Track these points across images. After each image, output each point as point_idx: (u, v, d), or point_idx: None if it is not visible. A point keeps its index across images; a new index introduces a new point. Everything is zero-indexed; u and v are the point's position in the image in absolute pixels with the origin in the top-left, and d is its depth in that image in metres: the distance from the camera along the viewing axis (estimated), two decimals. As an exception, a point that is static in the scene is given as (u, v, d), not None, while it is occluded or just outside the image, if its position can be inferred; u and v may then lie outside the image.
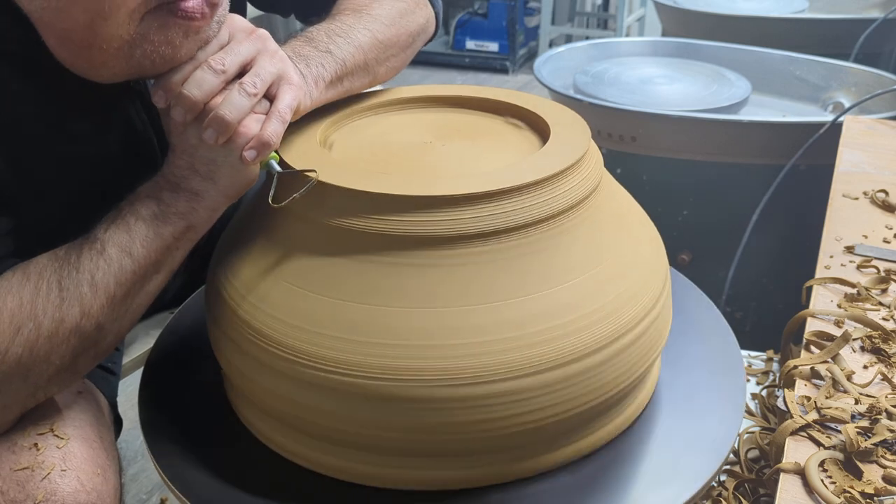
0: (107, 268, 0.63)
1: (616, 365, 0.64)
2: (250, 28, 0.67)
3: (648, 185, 1.69)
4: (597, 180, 0.70)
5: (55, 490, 0.63)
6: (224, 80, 0.63)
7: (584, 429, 0.68)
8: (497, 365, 0.60)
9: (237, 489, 0.67)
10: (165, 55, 0.62)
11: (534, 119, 0.78)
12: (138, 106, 0.74)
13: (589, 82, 1.84)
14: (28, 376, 0.62)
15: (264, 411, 0.69)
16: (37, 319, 0.61)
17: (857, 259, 0.98)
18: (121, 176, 0.68)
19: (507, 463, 0.66)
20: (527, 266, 0.63)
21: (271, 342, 0.63)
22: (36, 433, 0.66)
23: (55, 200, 0.70)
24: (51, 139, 0.68)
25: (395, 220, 0.62)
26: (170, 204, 0.65)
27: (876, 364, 0.80)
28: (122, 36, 0.59)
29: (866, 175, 1.21)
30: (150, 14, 0.59)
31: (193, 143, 0.64)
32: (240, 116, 0.62)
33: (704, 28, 2.26)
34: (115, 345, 0.68)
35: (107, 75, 0.64)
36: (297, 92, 0.66)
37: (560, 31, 4.13)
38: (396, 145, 0.76)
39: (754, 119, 1.59)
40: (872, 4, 2.42)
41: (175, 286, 0.96)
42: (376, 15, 0.79)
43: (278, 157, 0.67)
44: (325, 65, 0.72)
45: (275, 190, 0.64)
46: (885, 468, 0.67)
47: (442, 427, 0.61)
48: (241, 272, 0.68)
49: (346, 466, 0.66)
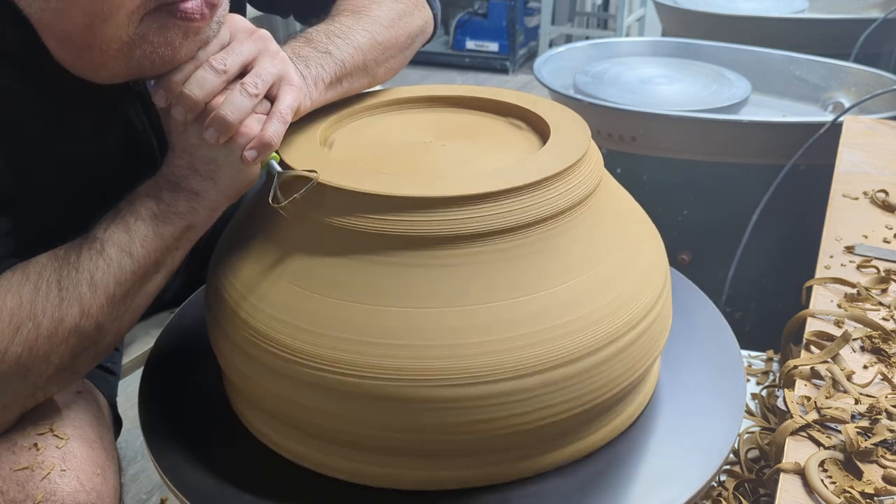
0: (106, 268, 0.63)
1: (616, 365, 0.64)
2: (251, 28, 0.67)
3: (648, 185, 1.69)
4: (597, 180, 0.70)
5: (55, 490, 0.63)
6: (225, 80, 0.63)
7: (585, 429, 0.68)
8: (497, 365, 0.60)
9: (237, 489, 0.67)
10: (165, 56, 0.62)
11: (534, 119, 0.78)
12: (138, 107, 0.74)
13: (589, 82, 1.84)
14: (27, 376, 0.62)
15: (264, 411, 0.69)
16: (36, 319, 0.61)
17: (857, 259, 0.98)
18: (120, 176, 0.68)
19: (506, 463, 0.66)
20: (526, 266, 0.63)
21: (271, 342, 0.63)
22: (36, 433, 0.66)
23: (55, 200, 0.70)
24: (51, 139, 0.68)
25: (395, 220, 0.62)
26: (169, 203, 0.65)
27: (876, 364, 0.80)
28: (122, 37, 0.59)
29: (866, 175, 1.21)
30: (149, 15, 0.59)
31: (194, 142, 0.64)
32: (241, 117, 0.62)
33: (704, 28, 2.26)
34: (114, 344, 0.68)
35: (106, 76, 0.64)
36: (297, 93, 0.66)
37: (560, 31, 4.13)
38: (396, 145, 0.76)
39: (754, 119, 1.59)
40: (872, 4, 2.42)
41: (175, 286, 0.96)
42: (375, 16, 0.79)
43: (279, 157, 0.67)
44: (324, 66, 0.72)
45: (275, 190, 0.64)
46: (885, 468, 0.67)
47: (441, 427, 0.61)
48: (241, 272, 0.68)
49: (346, 466, 0.66)
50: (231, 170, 0.66)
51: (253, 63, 0.65)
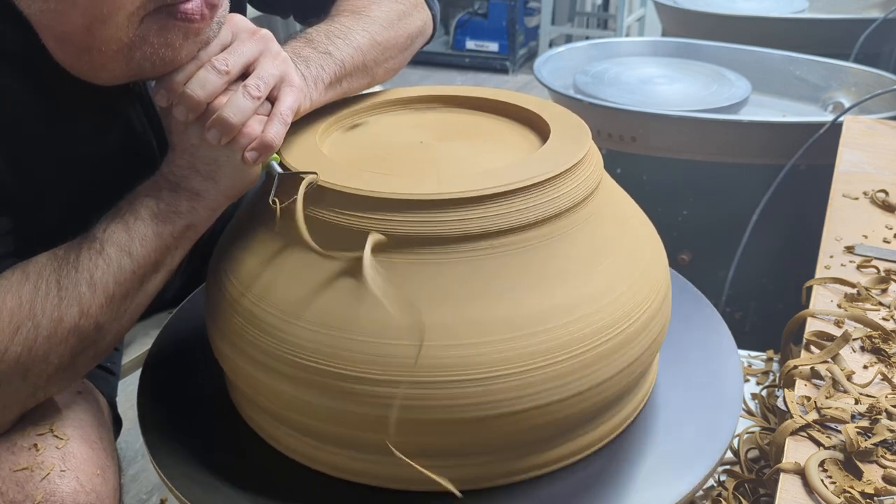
0: (106, 267, 0.63)
1: (615, 365, 0.64)
2: (253, 28, 0.67)
3: (648, 185, 1.69)
4: (596, 181, 0.70)
5: (54, 490, 0.62)
6: (227, 81, 0.63)
7: (582, 429, 0.68)
8: (493, 364, 0.60)
9: (237, 489, 0.67)
10: (165, 57, 0.62)
11: (534, 119, 0.78)
12: (138, 107, 0.74)
13: (589, 82, 1.84)
14: (27, 376, 0.62)
15: (264, 409, 0.69)
16: (35, 319, 0.61)
17: (857, 259, 0.98)
18: (120, 176, 0.68)
19: (503, 463, 0.66)
20: (526, 266, 0.63)
21: (271, 341, 0.63)
22: (35, 433, 0.66)
23: (55, 200, 0.70)
24: (50, 139, 0.68)
25: (394, 219, 0.62)
26: (170, 203, 0.65)
27: (876, 364, 0.80)
28: (121, 38, 0.59)
29: (866, 175, 1.21)
30: (149, 17, 0.59)
31: (195, 142, 0.64)
32: (244, 119, 0.62)
33: (704, 28, 2.26)
34: (114, 344, 0.68)
35: (106, 77, 0.64)
36: (298, 94, 0.66)
37: (560, 31, 4.13)
38: (396, 145, 0.76)
39: (754, 119, 1.59)
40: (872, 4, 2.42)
41: (175, 286, 0.96)
42: (374, 17, 0.79)
43: (279, 158, 0.67)
44: (324, 66, 0.72)
45: (275, 191, 0.64)
46: (885, 468, 0.67)
47: (440, 427, 0.61)
48: (241, 271, 0.68)
49: (347, 465, 0.66)
50: (232, 170, 0.66)
51: (254, 64, 0.65)
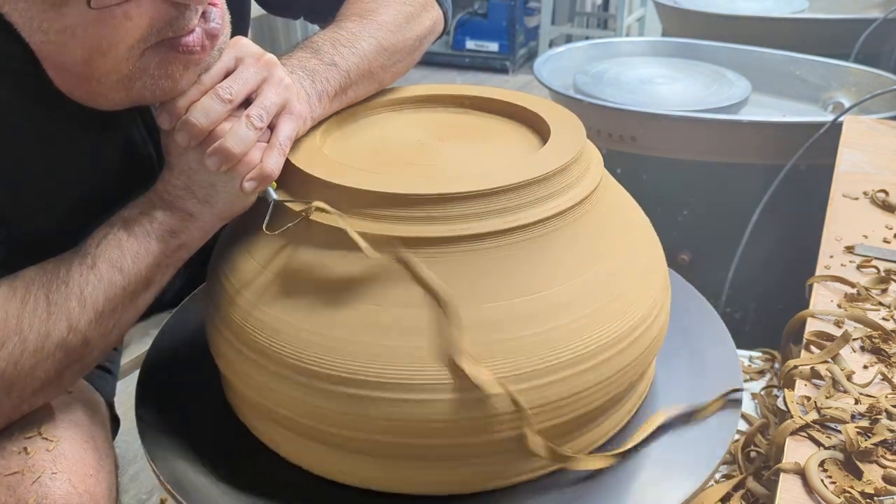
0: (97, 283, 0.63)
1: (614, 366, 0.64)
2: (258, 53, 0.66)
3: (648, 185, 1.69)
4: (597, 181, 0.70)
5: (46, 493, 0.62)
6: (230, 109, 0.63)
7: (581, 430, 0.67)
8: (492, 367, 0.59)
9: (235, 489, 0.67)
10: (165, 87, 0.62)
11: (534, 119, 0.78)
12: (139, 123, 0.74)
13: (589, 82, 1.84)
14: (11, 391, 0.62)
15: (262, 411, 0.69)
16: (22, 334, 0.61)
17: (857, 259, 0.98)
18: (118, 189, 0.68)
19: (502, 464, 0.65)
20: (525, 266, 0.63)
21: (271, 342, 0.63)
22: (24, 437, 0.65)
23: (52, 214, 0.70)
24: (49, 153, 0.67)
25: (394, 219, 0.62)
26: (163, 223, 0.65)
27: (876, 364, 0.80)
28: (122, 70, 0.59)
29: (866, 175, 1.21)
30: (150, 49, 0.59)
31: (193, 166, 0.64)
32: (246, 149, 0.63)
33: (704, 28, 2.26)
34: (100, 359, 0.68)
35: (106, 105, 0.64)
36: (297, 122, 0.67)
37: (560, 31, 4.13)
38: (396, 145, 0.75)
39: (754, 119, 1.59)
40: (872, 4, 2.42)
41: (175, 286, 0.96)
42: (382, 21, 0.78)
43: (276, 185, 0.67)
44: (329, 79, 0.72)
45: (269, 217, 0.65)
46: (885, 468, 0.67)
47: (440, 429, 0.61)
48: (241, 271, 0.67)
49: (345, 468, 0.66)
50: (228, 196, 0.66)
51: (257, 91, 0.65)
